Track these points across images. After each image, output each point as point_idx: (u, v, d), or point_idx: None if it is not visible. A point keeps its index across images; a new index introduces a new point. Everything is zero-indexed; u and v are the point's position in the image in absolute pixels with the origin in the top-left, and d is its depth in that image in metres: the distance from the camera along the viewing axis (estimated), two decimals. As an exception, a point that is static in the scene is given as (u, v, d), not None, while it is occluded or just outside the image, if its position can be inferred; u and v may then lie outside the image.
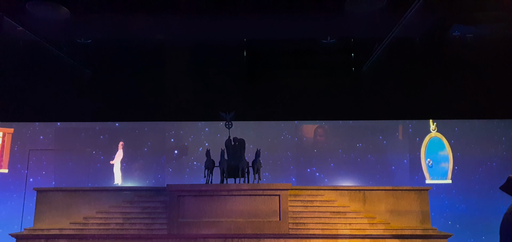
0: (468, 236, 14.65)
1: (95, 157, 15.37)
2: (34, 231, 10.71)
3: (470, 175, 15.02)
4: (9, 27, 8.23)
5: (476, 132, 15.23)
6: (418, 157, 15.37)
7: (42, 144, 15.32)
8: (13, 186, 14.92)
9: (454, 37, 9.14)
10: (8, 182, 15.03)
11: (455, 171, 15.22)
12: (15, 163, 15.18)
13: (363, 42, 9.63)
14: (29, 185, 13.55)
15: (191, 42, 9.45)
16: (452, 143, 15.35)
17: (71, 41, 9.23)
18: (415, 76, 9.81)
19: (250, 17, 8.43)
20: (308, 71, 10.39)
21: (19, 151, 15.22)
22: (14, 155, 15.20)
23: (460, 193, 15.07)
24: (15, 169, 15.12)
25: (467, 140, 15.32)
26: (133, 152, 15.55)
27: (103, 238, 10.49)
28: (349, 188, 11.70)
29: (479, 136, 15.19)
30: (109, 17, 8.10)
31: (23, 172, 14.64)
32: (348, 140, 15.82)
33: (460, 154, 15.33)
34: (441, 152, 14.79)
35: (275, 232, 10.59)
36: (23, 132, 15.42)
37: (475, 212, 14.74)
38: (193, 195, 10.88)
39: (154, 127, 15.70)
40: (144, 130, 15.72)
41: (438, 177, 14.55)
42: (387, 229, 10.62)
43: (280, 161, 15.66)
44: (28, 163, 14.69)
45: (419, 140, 15.46)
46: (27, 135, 15.47)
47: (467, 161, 15.10)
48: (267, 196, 10.86)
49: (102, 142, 15.52)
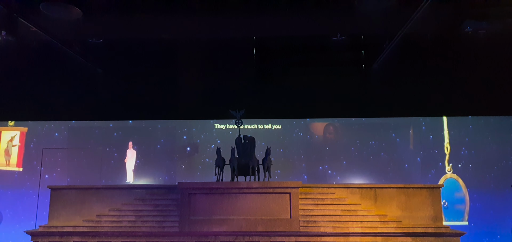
0: (484, 235, 14.47)
1: (109, 153, 15.52)
2: (49, 229, 10.87)
3: (485, 173, 14.81)
4: (23, 28, 8.38)
5: (491, 129, 15.03)
6: (431, 154, 15.24)
7: (56, 142, 15.54)
8: (28, 184, 15.20)
9: (466, 33, 9.02)
10: (23, 180, 15.31)
11: (469, 168, 15.06)
12: (30, 161, 15.45)
13: (373, 39, 9.58)
14: (43, 183, 13.77)
15: (201, 41, 9.51)
16: (467, 140, 15.20)
17: (83, 41, 9.37)
18: (426, 73, 9.72)
19: (259, 15, 8.46)
20: (318, 69, 10.37)
21: (33, 150, 15.49)
22: (28, 154, 15.47)
23: (474, 192, 14.89)
24: (30, 167, 15.40)
25: (482, 137, 15.13)
26: (146, 149, 15.68)
27: (115, 236, 10.59)
28: (360, 185, 11.63)
29: (495, 134, 14.98)
30: (120, 17, 8.21)
31: (37, 170, 14.89)
32: (361, 137, 15.74)
33: (474, 151, 15.15)
34: (457, 193, 14.64)
35: (286, 230, 10.57)
36: (37, 130, 15.66)
37: (490, 211, 14.56)
38: (204, 193, 10.92)
39: (167, 125, 15.83)
40: (157, 127, 15.85)
41: (454, 219, 14.30)
42: (398, 227, 10.52)
43: (291, 158, 15.66)
44: (41, 161, 14.92)
45: (433, 137, 15.33)
46: (41, 133, 15.71)
47: (482, 159, 14.92)
48: (277, 194, 10.84)
49: (116, 139, 15.68)
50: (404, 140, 15.79)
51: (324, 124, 15.99)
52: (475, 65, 9.39)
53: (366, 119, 15.46)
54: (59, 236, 10.64)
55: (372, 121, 15.57)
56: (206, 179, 13.07)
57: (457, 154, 15.23)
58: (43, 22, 8.20)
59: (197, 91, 10.49)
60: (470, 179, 14.95)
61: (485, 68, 9.34)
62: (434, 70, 9.75)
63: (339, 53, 9.86)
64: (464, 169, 15.11)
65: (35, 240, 10.74)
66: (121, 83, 10.26)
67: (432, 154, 15.27)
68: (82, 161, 15.37)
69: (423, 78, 9.89)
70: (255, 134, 11.94)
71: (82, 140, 15.55)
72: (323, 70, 10.39)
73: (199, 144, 15.71)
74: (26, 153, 15.48)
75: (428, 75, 9.84)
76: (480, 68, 9.38)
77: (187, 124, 15.83)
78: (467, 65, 9.47)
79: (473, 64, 9.40)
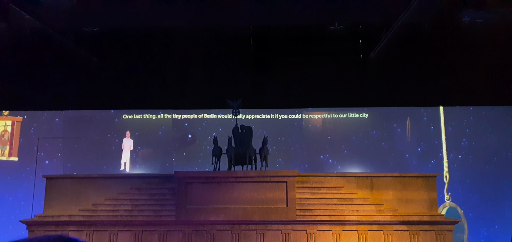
0: (481, 225, 14.47)
1: (110, 139, 15.54)
2: (44, 218, 10.88)
3: (485, 164, 14.77)
4: (17, 15, 8.32)
5: (491, 120, 14.97)
6: (431, 145, 15.19)
7: (51, 131, 15.53)
8: (24, 174, 15.21)
9: (464, 22, 8.94)
10: (18, 170, 15.32)
11: (469, 160, 15.02)
12: (25, 151, 15.44)
13: (371, 28, 9.51)
14: (38, 172, 13.77)
15: (198, 30, 9.45)
16: (467, 131, 15.14)
17: (78, 29, 9.31)
18: (424, 63, 9.64)
19: (257, 3, 8.39)
20: (315, 58, 10.30)
21: (29, 139, 15.48)
22: (23, 143, 15.47)
23: (473, 182, 14.86)
24: (25, 157, 15.39)
25: (482, 128, 15.07)
26: (147, 135, 15.71)
27: (112, 225, 10.60)
28: (356, 174, 11.64)
29: (495, 125, 14.92)
30: (116, 4, 8.14)
31: (33, 160, 14.89)
32: (362, 127, 15.75)
33: (474, 143, 15.10)
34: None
35: (282, 218, 10.59)
36: (33, 120, 15.66)
37: (488, 202, 14.53)
38: (200, 182, 10.93)
39: (168, 112, 15.85)
40: (158, 113, 15.88)
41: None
42: (394, 215, 10.53)
43: (293, 147, 15.68)
44: (37, 151, 14.92)
45: (434, 128, 15.28)
46: (36, 123, 15.71)
47: (482, 150, 14.87)
48: (274, 183, 10.85)
49: (117, 125, 15.70)
50: (405, 130, 15.77)
51: (326, 113, 16.00)
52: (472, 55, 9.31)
53: (367, 109, 15.44)
54: (55, 225, 10.63)
55: (372, 111, 15.56)
56: (207, 167, 13.04)
57: (457, 145, 15.19)
58: (36, 9, 8.14)
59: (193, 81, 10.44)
60: (469, 170, 14.92)
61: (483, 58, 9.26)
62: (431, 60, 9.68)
63: (337, 42, 9.78)
64: (464, 160, 15.07)
65: (31, 229, 10.73)
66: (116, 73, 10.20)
67: (432, 144, 15.23)
68: (81, 148, 15.38)
69: (420, 68, 9.82)
70: (256, 123, 11.94)
71: (82, 127, 15.55)
72: (320, 60, 10.33)
73: (200, 131, 15.72)
74: (21, 142, 15.47)
75: (426, 65, 9.77)
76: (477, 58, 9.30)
77: (188, 110, 15.83)
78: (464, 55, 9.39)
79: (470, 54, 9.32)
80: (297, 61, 10.31)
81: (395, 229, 10.43)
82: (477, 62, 9.19)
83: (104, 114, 15.76)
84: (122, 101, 11.37)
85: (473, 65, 9.22)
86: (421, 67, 9.67)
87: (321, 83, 10.53)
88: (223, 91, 10.98)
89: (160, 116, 15.97)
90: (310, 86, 10.66)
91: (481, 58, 9.08)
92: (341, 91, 10.70)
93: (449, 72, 9.62)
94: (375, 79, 10.15)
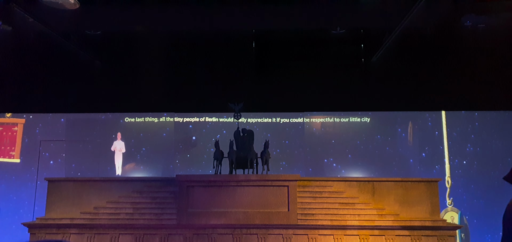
0: (486, 231, 14.36)
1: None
2: (46, 221, 10.89)
3: (490, 170, 14.66)
4: (21, 19, 8.40)
5: (496, 126, 14.89)
6: (436, 150, 15.14)
7: (57, 132, 15.62)
8: (25, 176, 15.29)
9: (465, 27, 8.91)
10: (20, 172, 15.41)
11: (474, 165, 14.94)
12: (27, 153, 15.54)
13: (373, 32, 9.51)
14: (43, 173, 13.85)
15: (200, 34, 9.48)
16: (472, 137, 15.07)
17: (81, 33, 9.38)
18: (425, 67, 9.63)
19: (258, 8, 8.41)
20: (317, 62, 10.31)
21: (31, 141, 15.57)
22: (26, 146, 15.56)
23: (478, 188, 14.77)
24: (27, 159, 15.49)
25: (487, 134, 14.99)
26: (152, 137, 15.76)
27: (113, 228, 10.61)
28: (358, 179, 11.60)
29: (500, 131, 14.84)
30: (118, 9, 8.20)
31: (35, 162, 14.98)
32: (366, 131, 15.72)
33: (479, 148, 15.02)
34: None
35: (284, 222, 10.56)
36: (35, 122, 15.76)
37: (493, 208, 14.41)
38: (202, 186, 10.93)
39: (171, 115, 15.91)
40: (162, 115, 15.95)
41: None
42: (396, 220, 10.47)
43: (297, 151, 15.68)
44: (39, 153, 15.02)
45: (438, 133, 15.22)
46: (38, 125, 15.80)
47: (487, 156, 14.78)
48: (275, 187, 10.83)
49: (122, 125, 15.76)
50: (409, 135, 15.74)
51: (330, 117, 16.00)
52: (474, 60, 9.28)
53: (372, 113, 15.43)
54: (57, 228, 10.65)
55: (377, 115, 15.55)
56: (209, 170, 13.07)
57: (462, 151, 15.12)
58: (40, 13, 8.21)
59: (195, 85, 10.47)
60: (474, 176, 14.83)
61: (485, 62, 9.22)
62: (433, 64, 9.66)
63: (339, 46, 9.79)
64: (469, 166, 14.99)
65: (32, 232, 10.75)
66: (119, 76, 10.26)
67: (437, 150, 15.16)
68: (85, 149, 15.44)
69: (421, 72, 9.80)
70: (258, 127, 11.94)
71: (86, 129, 15.63)
72: (322, 64, 10.33)
73: (204, 133, 15.77)
74: (23, 145, 15.56)
75: (427, 70, 9.74)
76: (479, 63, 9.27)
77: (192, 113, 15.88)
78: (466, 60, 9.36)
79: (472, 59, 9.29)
80: (299, 65, 10.32)
81: (396, 234, 10.37)
82: (479, 67, 9.16)
83: (108, 117, 15.85)
84: (124, 105, 11.45)
85: (475, 70, 9.19)
86: (422, 72, 9.66)
87: (323, 87, 10.53)
88: (225, 95, 11.03)
89: (162, 120, 16.04)
90: (312, 90, 10.66)
91: (482, 63, 9.05)
92: (343, 95, 10.70)
93: (451, 77, 9.59)
94: (376, 84, 10.14)
